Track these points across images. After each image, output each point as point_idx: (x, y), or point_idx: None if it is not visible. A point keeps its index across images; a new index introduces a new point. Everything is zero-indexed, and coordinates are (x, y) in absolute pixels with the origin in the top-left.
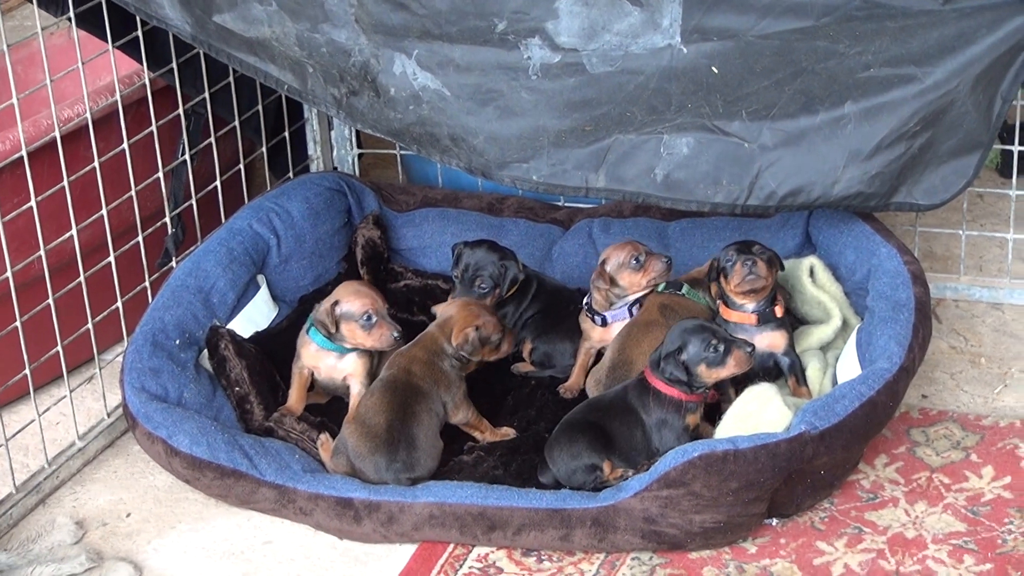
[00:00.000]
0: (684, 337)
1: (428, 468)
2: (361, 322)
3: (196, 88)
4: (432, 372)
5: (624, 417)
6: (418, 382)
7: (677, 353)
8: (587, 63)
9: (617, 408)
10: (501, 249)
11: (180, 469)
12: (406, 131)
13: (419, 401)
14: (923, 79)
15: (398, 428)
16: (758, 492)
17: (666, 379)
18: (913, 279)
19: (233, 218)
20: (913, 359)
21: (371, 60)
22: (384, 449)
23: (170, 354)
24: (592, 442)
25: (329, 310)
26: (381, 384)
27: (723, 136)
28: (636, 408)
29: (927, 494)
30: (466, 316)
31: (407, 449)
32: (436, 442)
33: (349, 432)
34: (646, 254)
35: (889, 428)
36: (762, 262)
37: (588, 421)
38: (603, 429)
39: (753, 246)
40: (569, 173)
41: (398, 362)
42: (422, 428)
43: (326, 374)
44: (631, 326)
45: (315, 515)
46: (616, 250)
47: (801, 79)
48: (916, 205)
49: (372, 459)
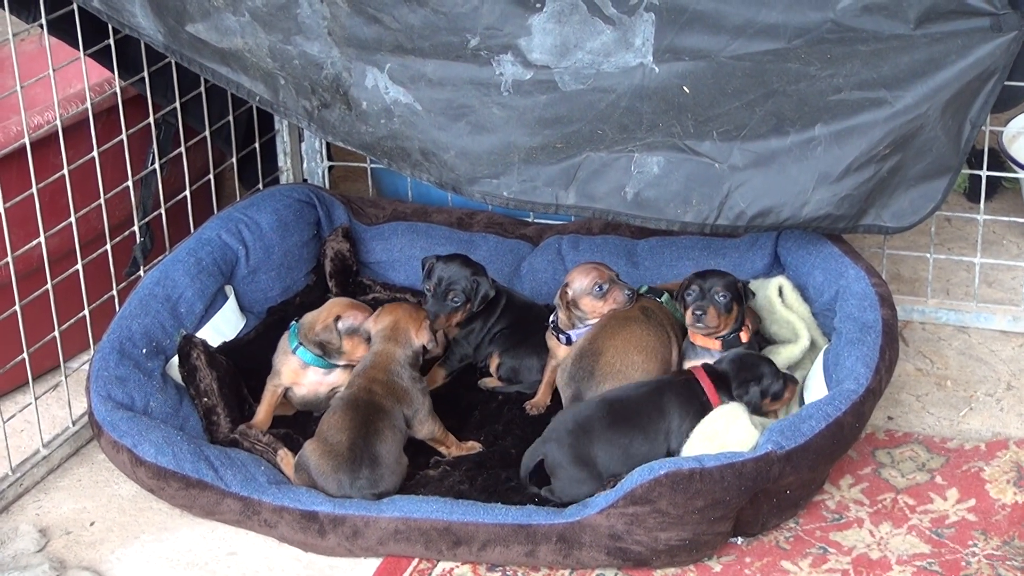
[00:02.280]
0: (763, 367)
1: (392, 484)
2: (366, 336)
3: (167, 98)
4: (393, 390)
5: (652, 427)
6: (380, 400)
7: (756, 381)
8: (559, 80)
9: (645, 414)
10: (473, 264)
11: (145, 478)
12: (377, 145)
13: (381, 418)
14: (893, 103)
15: (360, 446)
16: (724, 511)
17: (739, 399)
18: (881, 301)
19: (202, 228)
20: (880, 380)
21: (343, 73)
22: (347, 467)
23: (137, 363)
24: (606, 464)
25: (331, 326)
26: (342, 402)
27: (694, 156)
28: (670, 412)
29: (892, 515)
30: (410, 315)
31: (370, 466)
32: (400, 459)
33: (311, 450)
34: (611, 282)
35: (855, 449)
36: (714, 310)
37: (606, 437)
38: (619, 443)
39: (715, 286)
40: (539, 190)
41: (358, 382)
42: (385, 445)
43: (309, 390)
44: (609, 318)
45: (280, 527)
46: (581, 274)
47: (772, 100)
48: (884, 228)
49: (335, 477)
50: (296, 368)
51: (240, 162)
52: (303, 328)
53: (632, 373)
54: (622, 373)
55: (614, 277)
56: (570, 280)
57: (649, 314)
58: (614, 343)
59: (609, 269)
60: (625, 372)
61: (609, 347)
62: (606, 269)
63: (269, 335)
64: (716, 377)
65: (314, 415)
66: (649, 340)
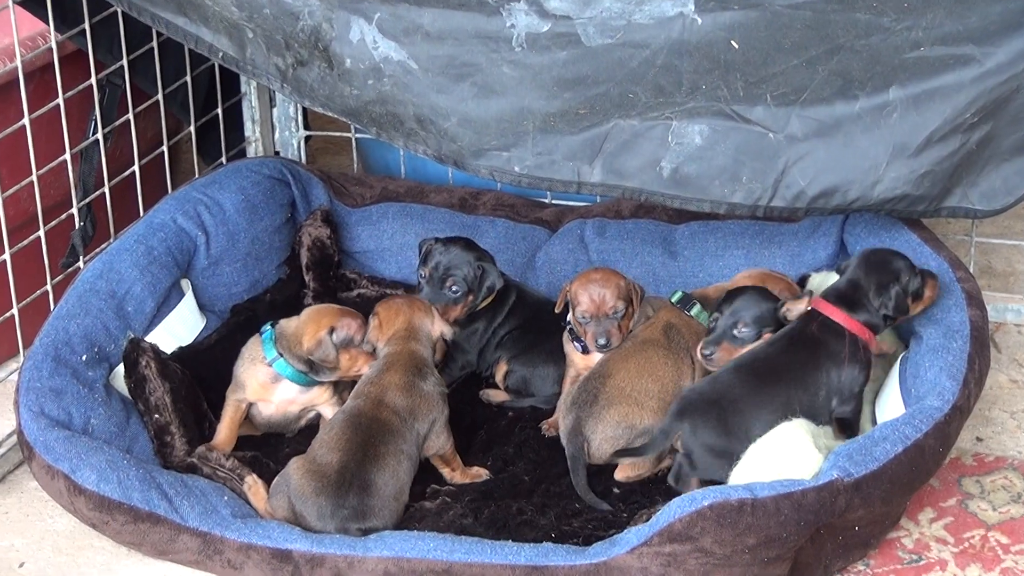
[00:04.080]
0: (895, 261)
1: (384, 521)
2: (366, 347)
3: (112, 54)
4: (412, 399)
5: (808, 377)
6: (389, 416)
7: (895, 281)
8: (582, 33)
9: (797, 364)
10: (478, 249)
11: (85, 510)
12: (364, 110)
13: (386, 441)
14: (983, 61)
15: (352, 470)
16: (779, 550)
17: (875, 318)
18: (968, 299)
19: (153, 211)
20: (968, 396)
21: (323, 25)
22: (331, 491)
23: (75, 372)
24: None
25: (325, 340)
26: (343, 416)
27: (743, 124)
28: (823, 362)
29: (981, 556)
30: (418, 307)
31: (359, 494)
32: (400, 493)
33: (295, 468)
34: (596, 319)
35: (937, 477)
36: (726, 347)
37: (756, 402)
38: (775, 404)
39: (738, 315)
40: (558, 164)
41: (369, 391)
42: (383, 474)
43: (277, 408)
44: (629, 339)
45: (246, 569)
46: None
47: (837, 58)
48: (973, 211)
49: (315, 502)
50: (264, 381)
51: (199, 132)
52: (286, 339)
53: (645, 401)
54: (632, 399)
55: (609, 312)
56: (573, 283)
57: (672, 336)
58: (627, 367)
59: (620, 292)
60: (636, 398)
61: (620, 370)
62: (610, 293)
63: (233, 338)
64: (845, 299)
65: (286, 436)
66: (666, 371)
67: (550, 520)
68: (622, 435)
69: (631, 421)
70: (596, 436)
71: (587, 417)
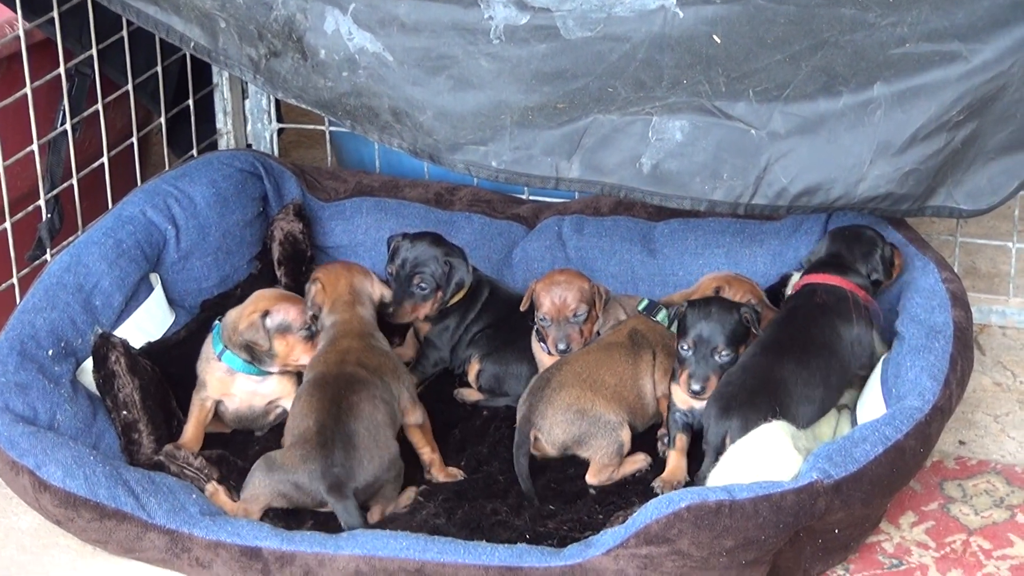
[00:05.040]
0: (865, 231)
1: (375, 472)
2: (303, 333)
3: (81, 43)
4: (375, 357)
5: (837, 344)
6: (354, 370)
7: (874, 248)
8: (561, 26)
9: (818, 332)
10: (447, 244)
11: (50, 507)
12: (338, 103)
13: (356, 390)
14: (969, 58)
15: (331, 426)
16: (758, 553)
17: (865, 282)
18: (952, 300)
19: (122, 203)
20: (950, 397)
21: (297, 15)
22: (316, 454)
23: (41, 367)
24: (809, 414)
25: (258, 323)
26: (308, 385)
27: (725, 120)
28: (840, 328)
29: (963, 561)
30: (356, 269)
31: (344, 449)
32: (385, 440)
33: (280, 451)
34: (557, 323)
35: (918, 479)
36: (715, 378)
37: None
38: (818, 377)
39: (716, 342)
40: (536, 159)
41: (327, 358)
42: (362, 421)
43: (242, 402)
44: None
45: (215, 567)
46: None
47: (821, 54)
48: (958, 210)
49: (304, 468)
50: (222, 377)
51: (170, 123)
52: (226, 328)
53: (599, 389)
54: (586, 383)
55: (570, 315)
56: (538, 283)
57: (637, 340)
58: (586, 358)
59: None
60: (590, 384)
61: (579, 359)
62: (572, 297)
63: (203, 334)
64: (835, 267)
65: (256, 434)
66: (626, 368)
67: (525, 521)
68: (573, 420)
69: (582, 405)
70: (547, 420)
71: (538, 402)
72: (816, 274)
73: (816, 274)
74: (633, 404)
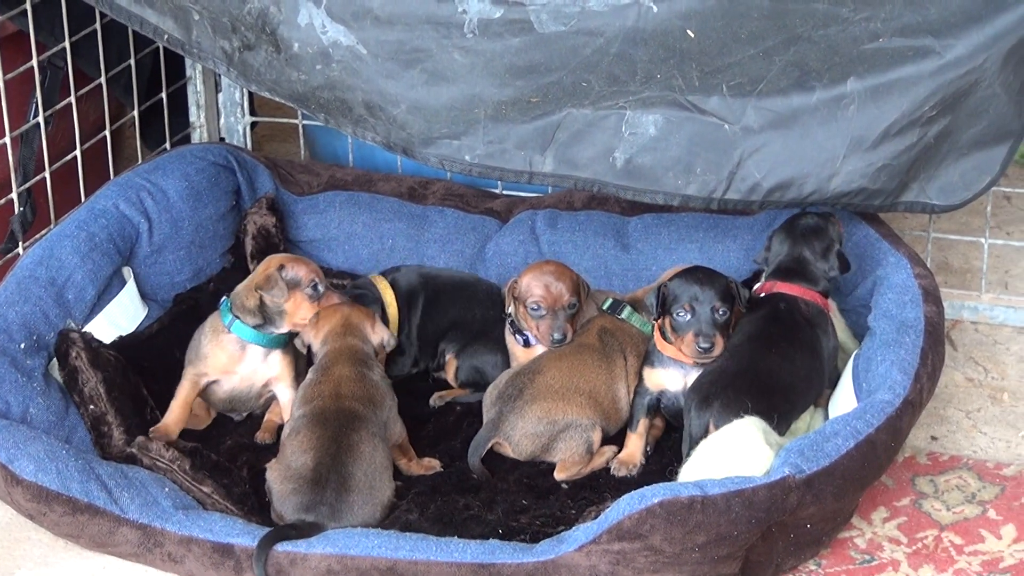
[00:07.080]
0: (819, 230)
1: (364, 517)
2: (308, 291)
3: (54, 36)
4: (367, 388)
5: (814, 343)
6: (352, 405)
7: (832, 241)
8: (535, 20)
9: (794, 330)
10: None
11: (22, 501)
12: (311, 96)
13: (356, 428)
14: (942, 53)
15: (328, 465)
16: (730, 548)
17: (827, 284)
18: (924, 295)
19: (95, 196)
20: (920, 391)
21: (271, 7)
22: (307, 489)
23: (13, 360)
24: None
25: (275, 276)
26: (306, 419)
27: (698, 114)
28: (820, 339)
29: (934, 557)
30: (357, 311)
31: (336, 491)
32: (380, 483)
33: (273, 475)
34: (552, 312)
35: (890, 475)
36: (720, 337)
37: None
38: (797, 366)
39: (713, 299)
40: (509, 153)
41: (322, 391)
42: (360, 464)
43: (244, 382)
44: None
45: (187, 563)
46: (534, 277)
47: (795, 49)
48: (930, 205)
49: (292, 500)
50: (232, 352)
51: (143, 116)
52: (237, 297)
53: (571, 397)
54: (558, 395)
55: (566, 305)
56: (523, 275)
57: (606, 341)
58: (559, 365)
59: (574, 286)
60: (562, 394)
61: (552, 368)
62: (565, 287)
63: (176, 327)
64: (799, 275)
65: (234, 420)
66: (599, 373)
67: (497, 516)
68: (544, 431)
69: (553, 416)
70: (516, 432)
71: (509, 412)
72: (785, 283)
73: (785, 283)
74: (608, 409)
